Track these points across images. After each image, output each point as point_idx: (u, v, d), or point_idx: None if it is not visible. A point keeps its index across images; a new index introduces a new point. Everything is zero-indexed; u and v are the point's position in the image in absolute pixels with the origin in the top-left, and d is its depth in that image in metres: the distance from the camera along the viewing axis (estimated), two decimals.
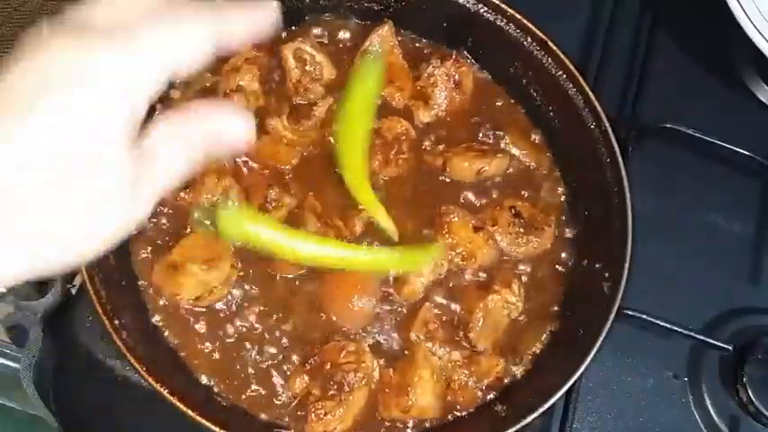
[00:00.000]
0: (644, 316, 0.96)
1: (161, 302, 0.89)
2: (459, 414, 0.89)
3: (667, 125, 1.07)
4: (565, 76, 0.97)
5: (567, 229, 0.98)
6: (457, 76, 1.01)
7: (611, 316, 0.86)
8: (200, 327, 0.89)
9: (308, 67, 0.98)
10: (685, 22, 1.19)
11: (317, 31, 1.03)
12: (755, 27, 1.05)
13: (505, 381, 0.90)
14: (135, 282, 0.89)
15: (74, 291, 0.93)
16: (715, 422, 0.96)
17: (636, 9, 1.18)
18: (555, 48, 0.97)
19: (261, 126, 0.96)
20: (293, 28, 1.02)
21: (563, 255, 0.97)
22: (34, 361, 0.93)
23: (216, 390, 0.87)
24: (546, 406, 0.83)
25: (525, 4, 0.98)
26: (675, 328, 0.97)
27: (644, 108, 1.10)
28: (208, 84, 0.98)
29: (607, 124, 0.94)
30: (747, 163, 1.08)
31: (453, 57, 1.01)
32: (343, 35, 1.03)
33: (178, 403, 0.80)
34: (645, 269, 0.92)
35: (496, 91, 1.04)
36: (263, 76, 0.98)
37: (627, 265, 0.88)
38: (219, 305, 0.89)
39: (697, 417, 0.97)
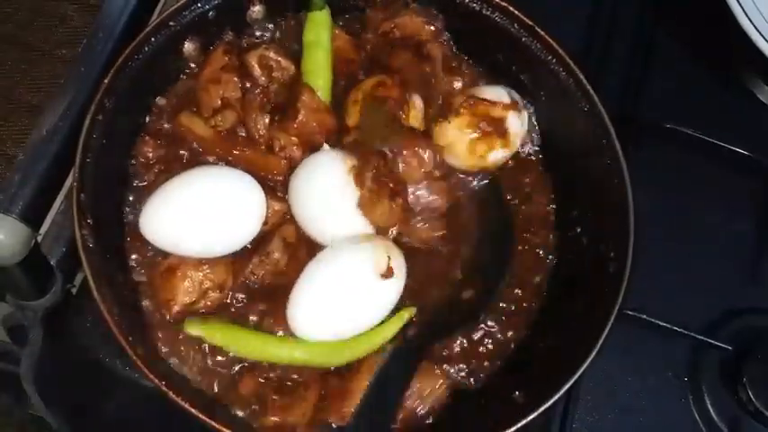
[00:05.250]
0: (644, 316, 0.96)
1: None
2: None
3: (667, 125, 1.07)
4: (565, 73, 0.96)
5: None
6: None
7: (612, 317, 0.86)
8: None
9: (275, 74, 0.97)
10: (685, 22, 1.20)
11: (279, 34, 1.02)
12: (755, 27, 1.05)
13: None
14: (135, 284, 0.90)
15: (74, 291, 0.93)
16: (715, 422, 0.96)
17: (636, 9, 1.18)
18: (559, 48, 0.96)
19: (247, 134, 0.95)
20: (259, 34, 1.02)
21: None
22: (34, 361, 0.93)
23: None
24: (546, 405, 0.83)
25: (526, 4, 0.98)
26: (675, 329, 0.97)
27: (644, 108, 1.10)
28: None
29: (608, 123, 0.94)
30: (747, 163, 1.08)
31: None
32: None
33: (182, 402, 0.79)
34: (645, 269, 0.91)
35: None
36: (241, 82, 0.96)
37: (628, 263, 0.88)
38: None
39: (697, 416, 0.97)
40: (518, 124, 0.97)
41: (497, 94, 0.97)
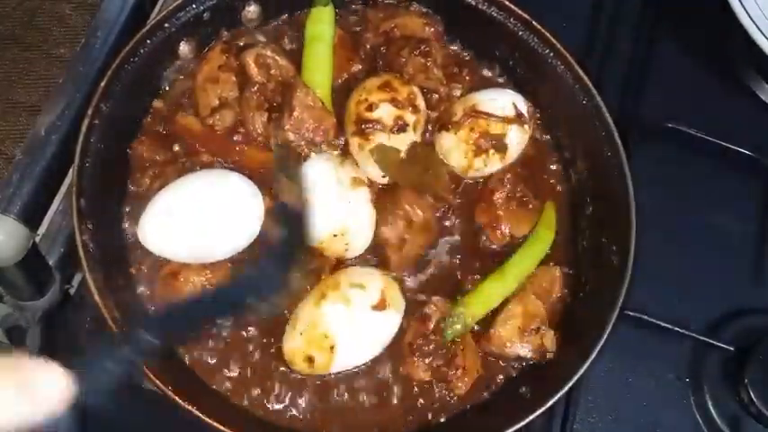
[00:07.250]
0: (645, 316, 0.96)
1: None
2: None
3: (668, 125, 1.07)
4: (563, 66, 0.97)
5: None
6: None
7: (613, 317, 0.86)
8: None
9: (272, 72, 0.96)
10: (686, 20, 1.19)
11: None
12: (757, 26, 1.05)
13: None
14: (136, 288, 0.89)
15: (72, 291, 0.93)
16: (716, 423, 0.96)
17: (637, 8, 1.18)
18: (556, 42, 0.97)
19: (246, 133, 0.95)
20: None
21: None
22: None
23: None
24: (546, 406, 0.83)
25: (528, 3, 0.98)
26: (677, 329, 0.97)
27: (645, 108, 1.10)
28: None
29: (607, 115, 0.94)
30: (748, 163, 1.08)
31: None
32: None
33: (189, 407, 0.79)
34: (646, 269, 0.91)
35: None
36: (239, 81, 0.96)
37: (630, 261, 0.88)
38: None
39: (698, 418, 0.97)
40: (519, 138, 0.96)
41: (502, 103, 0.96)
